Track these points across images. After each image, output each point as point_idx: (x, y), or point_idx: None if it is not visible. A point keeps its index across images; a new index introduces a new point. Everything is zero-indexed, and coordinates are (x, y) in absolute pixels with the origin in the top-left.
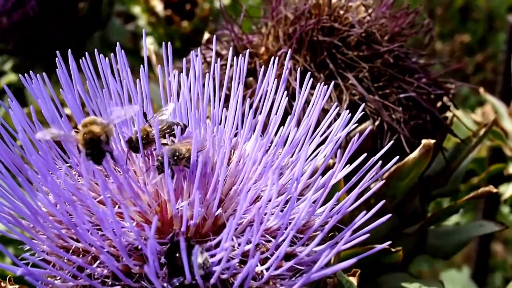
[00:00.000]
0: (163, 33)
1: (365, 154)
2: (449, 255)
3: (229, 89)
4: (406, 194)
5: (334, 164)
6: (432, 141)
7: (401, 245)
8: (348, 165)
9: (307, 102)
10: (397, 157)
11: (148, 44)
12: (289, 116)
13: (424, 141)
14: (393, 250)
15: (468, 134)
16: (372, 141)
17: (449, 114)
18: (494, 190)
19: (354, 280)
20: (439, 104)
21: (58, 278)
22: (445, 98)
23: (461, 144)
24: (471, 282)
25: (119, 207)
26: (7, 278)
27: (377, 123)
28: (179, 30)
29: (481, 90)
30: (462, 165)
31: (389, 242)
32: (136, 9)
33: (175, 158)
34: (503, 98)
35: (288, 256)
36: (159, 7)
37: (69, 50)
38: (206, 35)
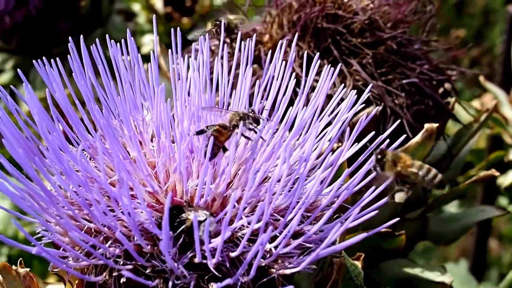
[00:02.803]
0: (163, 31)
1: (373, 133)
2: (451, 241)
3: (234, 76)
4: None
5: (338, 147)
6: (435, 125)
7: (403, 231)
8: (356, 143)
9: (311, 88)
10: (404, 135)
11: (149, 40)
12: (297, 98)
13: (426, 125)
14: (396, 233)
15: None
16: (375, 126)
17: (451, 101)
18: (497, 174)
19: (358, 264)
20: (441, 90)
21: (70, 259)
22: (446, 85)
23: (463, 130)
24: (469, 275)
25: (130, 189)
26: (18, 261)
27: (380, 108)
28: (178, 27)
29: (481, 78)
30: (463, 152)
31: (396, 220)
32: (136, 7)
33: None
34: (503, 87)
35: (296, 235)
36: (159, 4)
37: (81, 36)
38: (210, 26)
